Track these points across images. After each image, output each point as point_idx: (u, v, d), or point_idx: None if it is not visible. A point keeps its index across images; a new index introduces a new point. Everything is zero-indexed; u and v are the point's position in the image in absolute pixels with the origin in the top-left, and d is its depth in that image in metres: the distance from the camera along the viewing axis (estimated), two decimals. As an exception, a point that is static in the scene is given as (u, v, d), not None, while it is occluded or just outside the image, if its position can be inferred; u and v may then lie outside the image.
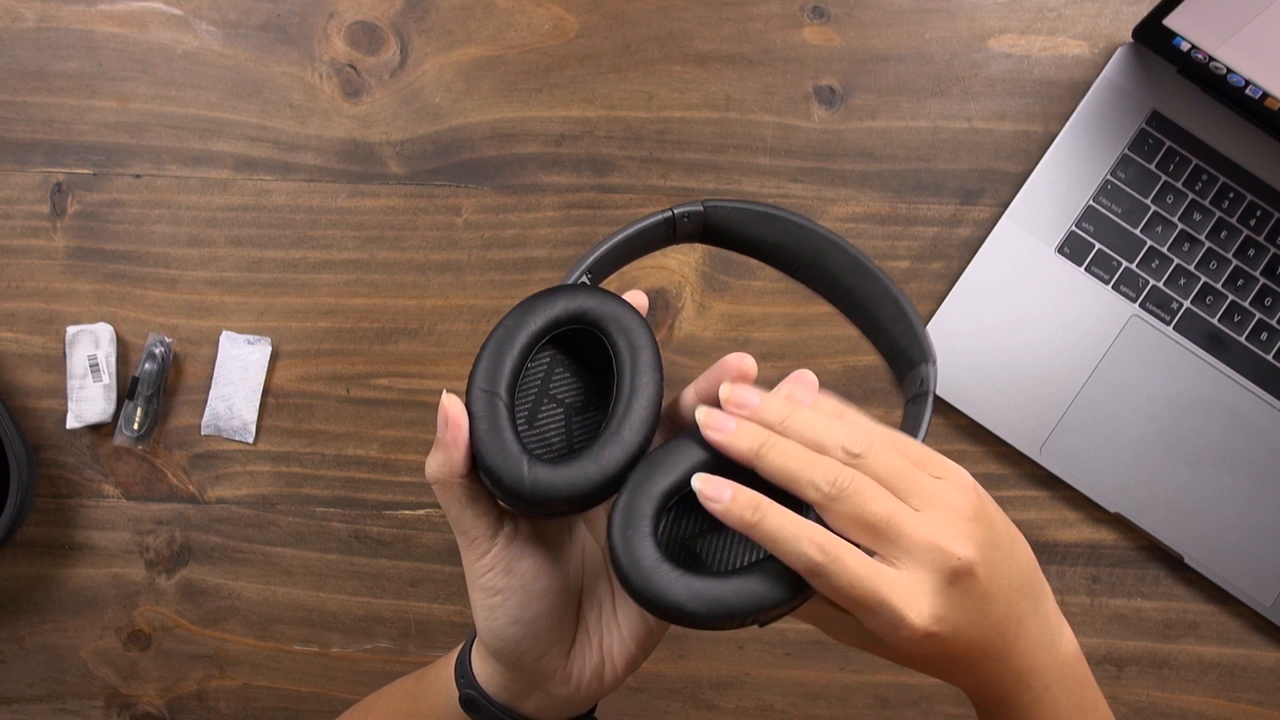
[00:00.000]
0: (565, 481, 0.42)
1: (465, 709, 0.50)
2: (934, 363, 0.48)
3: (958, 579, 0.41)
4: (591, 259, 0.47)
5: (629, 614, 0.48)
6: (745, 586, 0.41)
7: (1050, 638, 0.46)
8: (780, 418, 0.43)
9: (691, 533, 0.45)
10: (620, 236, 0.48)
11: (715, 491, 0.41)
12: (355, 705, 0.60)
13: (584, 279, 0.47)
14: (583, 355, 0.47)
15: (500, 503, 0.45)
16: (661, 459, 0.43)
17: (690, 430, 0.44)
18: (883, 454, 0.42)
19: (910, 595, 0.40)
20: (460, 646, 0.52)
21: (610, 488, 0.43)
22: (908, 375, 0.49)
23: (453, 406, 0.43)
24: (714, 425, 0.42)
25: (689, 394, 0.47)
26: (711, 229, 0.50)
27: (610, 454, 0.43)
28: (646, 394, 0.44)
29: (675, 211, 0.49)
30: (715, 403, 0.44)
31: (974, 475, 0.78)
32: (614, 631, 0.48)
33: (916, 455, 0.43)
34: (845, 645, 0.53)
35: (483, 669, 0.49)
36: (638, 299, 0.47)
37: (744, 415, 0.43)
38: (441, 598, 0.76)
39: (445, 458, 0.43)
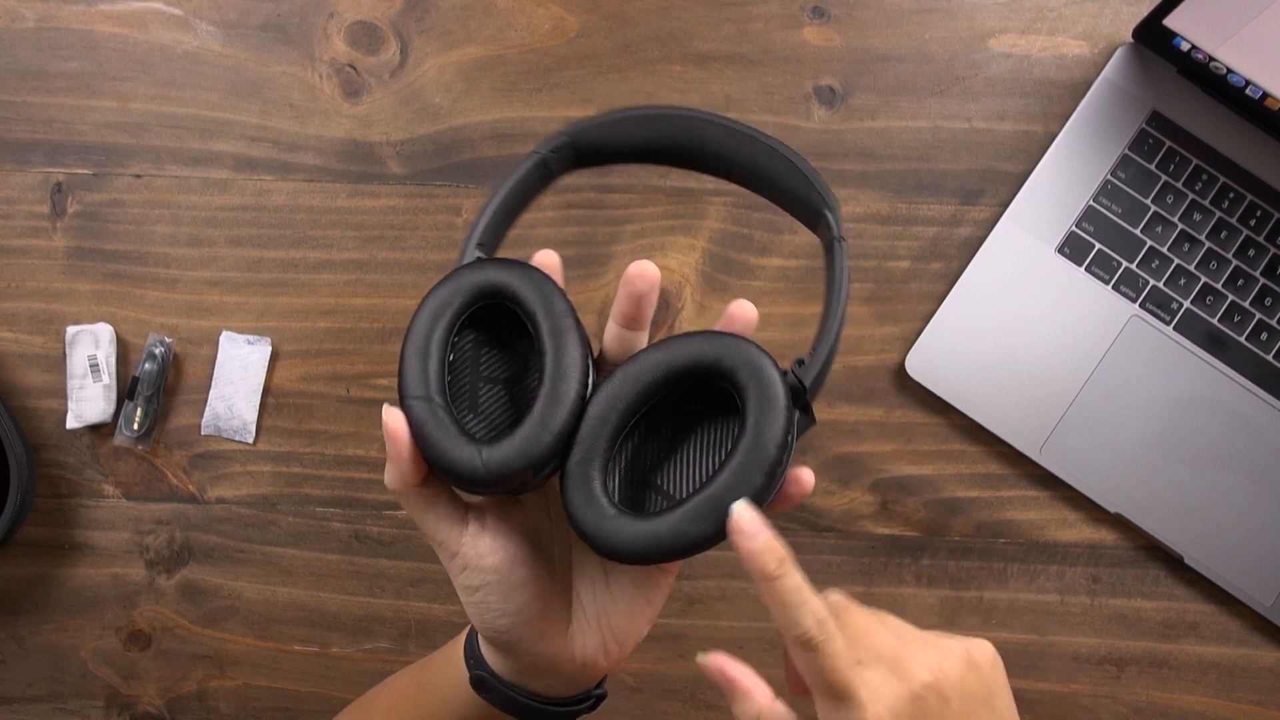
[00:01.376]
0: (516, 453, 0.43)
1: (476, 689, 0.50)
2: (832, 208, 0.47)
3: (924, 697, 0.41)
4: (478, 231, 0.47)
5: (623, 588, 0.48)
6: (696, 510, 0.42)
7: None
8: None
9: (646, 466, 0.45)
10: (499, 198, 0.48)
11: (752, 528, 0.41)
12: (362, 696, 0.60)
13: (476, 254, 0.47)
14: (502, 326, 0.47)
15: (465, 500, 0.46)
16: (595, 417, 0.44)
17: (619, 369, 0.44)
18: (876, 615, 0.44)
19: (878, 693, 0.41)
20: (468, 629, 0.52)
21: (561, 446, 0.44)
22: (818, 226, 0.48)
23: (392, 420, 0.44)
24: (748, 531, 0.42)
25: (610, 327, 0.47)
26: (585, 153, 0.49)
27: (553, 413, 0.43)
28: (570, 344, 0.44)
29: (544, 152, 0.48)
30: (638, 319, 0.46)
31: (974, 475, 0.78)
32: (610, 607, 0.48)
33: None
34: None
35: (489, 652, 0.50)
36: (548, 258, 0.47)
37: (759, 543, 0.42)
38: (441, 598, 0.76)
39: (395, 470, 0.44)
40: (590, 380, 0.45)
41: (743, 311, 0.46)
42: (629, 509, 0.44)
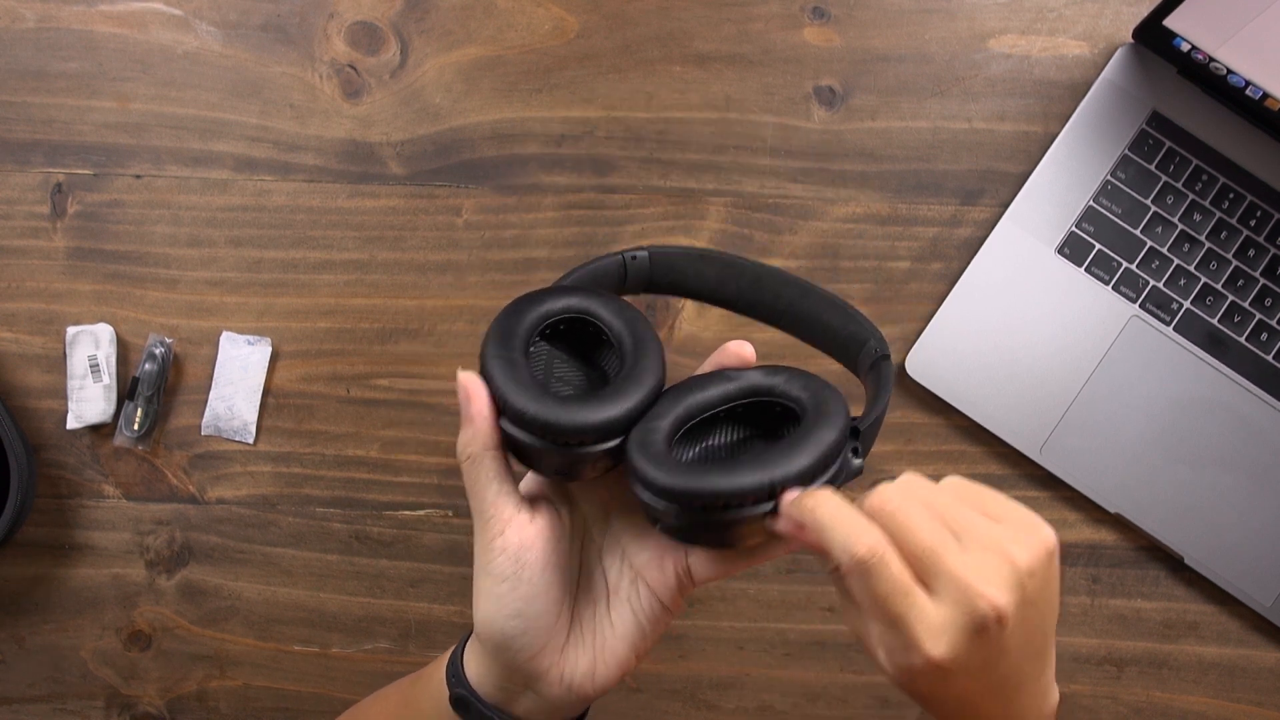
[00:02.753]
0: (596, 416, 0.44)
1: (455, 708, 0.50)
2: (880, 338, 0.49)
3: (984, 629, 0.40)
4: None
5: (623, 615, 0.49)
6: (746, 469, 0.42)
7: (1040, 704, 0.45)
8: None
9: (703, 457, 0.47)
10: (584, 272, 0.51)
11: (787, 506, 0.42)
12: (352, 707, 0.60)
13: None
14: (578, 350, 0.49)
15: (529, 470, 0.48)
16: (676, 394, 0.46)
17: (700, 374, 0.47)
18: (933, 491, 0.42)
19: (933, 627, 0.40)
20: (453, 648, 0.52)
21: (633, 419, 0.45)
22: (860, 355, 0.50)
23: (470, 381, 0.45)
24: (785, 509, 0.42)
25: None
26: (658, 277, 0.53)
27: (633, 389, 0.45)
28: (653, 350, 0.46)
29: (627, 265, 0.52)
30: None
31: (974, 476, 0.78)
32: (608, 632, 0.48)
33: (974, 498, 0.43)
34: (849, 640, 0.53)
35: (476, 668, 0.50)
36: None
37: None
38: (441, 598, 0.76)
39: (472, 431, 0.45)
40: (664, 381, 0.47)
41: (740, 351, 0.48)
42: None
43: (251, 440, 0.76)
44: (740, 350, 0.47)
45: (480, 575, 0.47)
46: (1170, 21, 0.73)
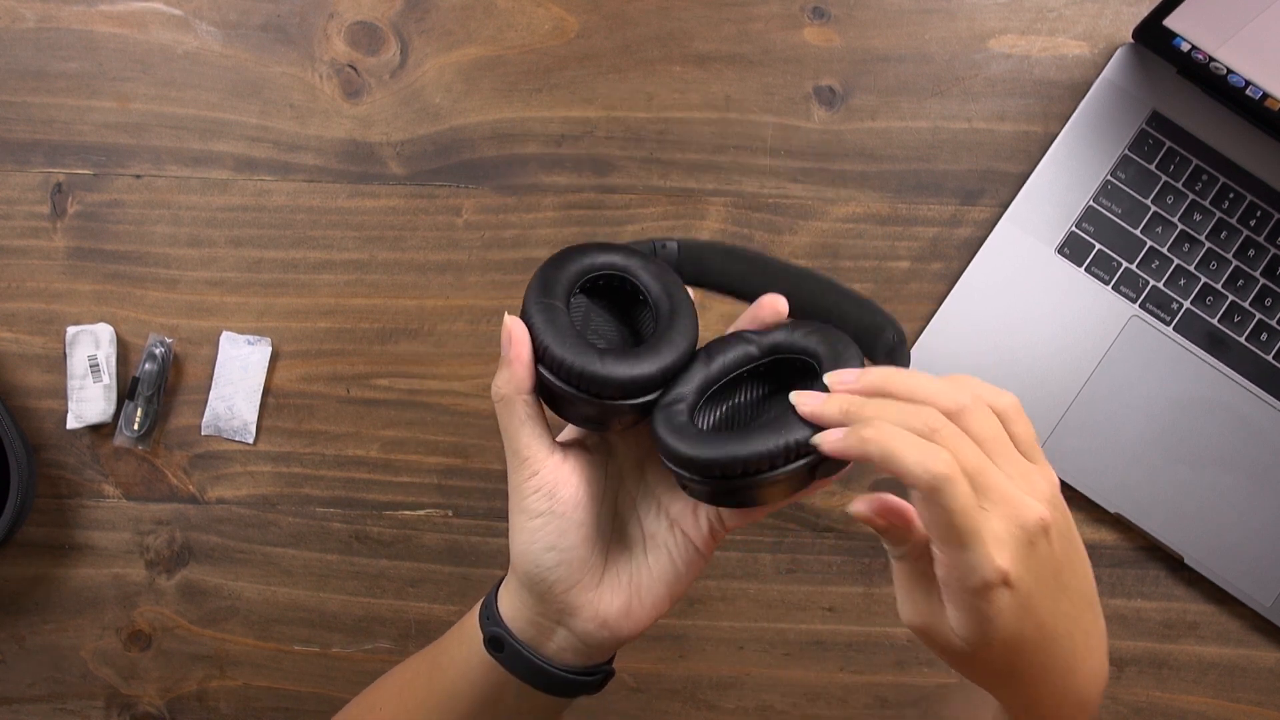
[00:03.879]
0: (636, 371, 0.46)
1: (489, 648, 0.51)
2: (897, 327, 0.51)
3: (1036, 541, 0.41)
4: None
5: (659, 559, 0.50)
6: (772, 433, 0.44)
7: (1102, 671, 0.46)
8: (880, 382, 0.44)
9: (729, 416, 0.48)
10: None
11: (818, 402, 0.44)
12: (375, 682, 0.60)
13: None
14: (616, 306, 0.50)
15: (562, 417, 0.49)
16: (704, 355, 0.48)
17: (732, 333, 0.49)
18: (980, 416, 0.43)
19: (999, 539, 0.41)
20: (483, 598, 0.53)
21: (668, 377, 0.47)
22: (877, 343, 0.52)
23: (515, 325, 0.47)
24: (803, 400, 0.44)
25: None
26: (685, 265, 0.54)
27: (666, 349, 0.47)
28: (686, 312, 0.48)
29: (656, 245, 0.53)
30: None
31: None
32: (644, 574, 0.50)
33: (1016, 429, 0.44)
34: (849, 640, 0.53)
35: (510, 605, 0.51)
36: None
37: (847, 388, 0.44)
38: (441, 598, 0.76)
39: (510, 374, 0.47)
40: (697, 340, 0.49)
41: (774, 305, 0.50)
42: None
43: (251, 440, 0.76)
44: (775, 304, 0.49)
45: (515, 513, 0.49)
46: (1170, 21, 0.73)
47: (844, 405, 0.43)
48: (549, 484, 0.48)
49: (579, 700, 0.54)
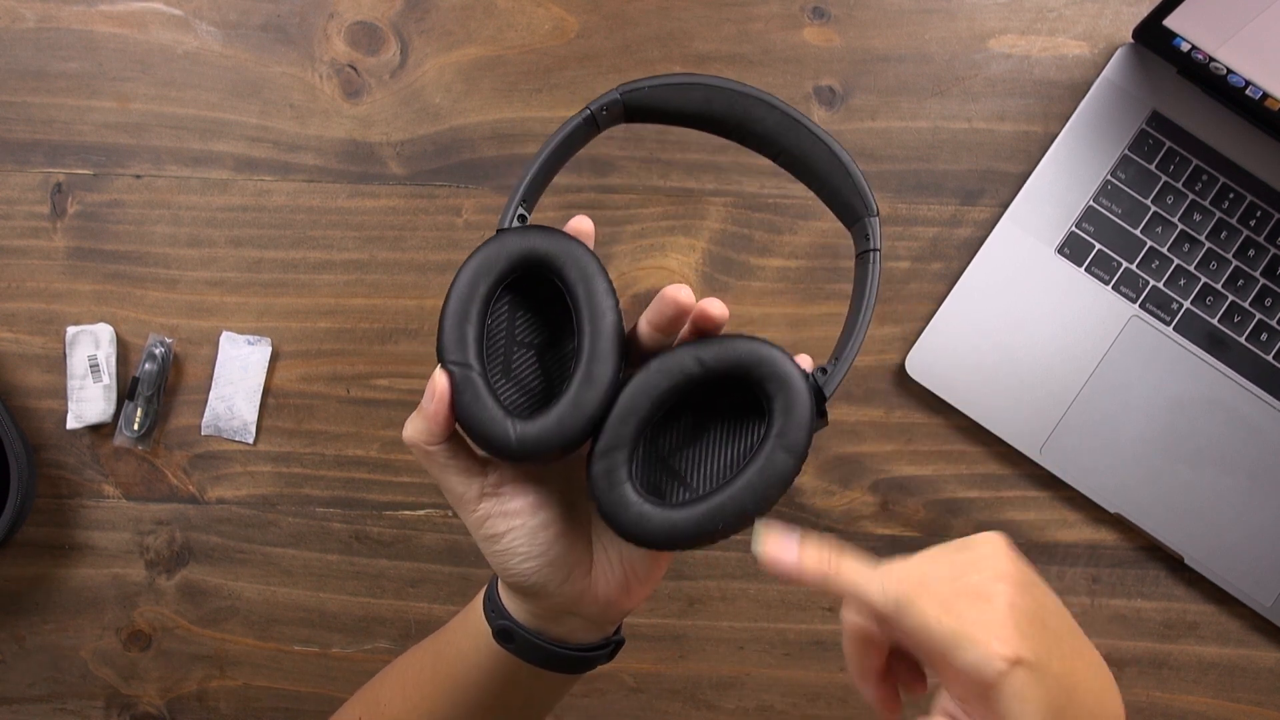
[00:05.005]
0: (550, 433, 0.44)
1: (499, 640, 0.51)
2: (876, 215, 0.48)
3: (1014, 603, 0.41)
4: (523, 186, 0.48)
5: None
6: (719, 507, 0.44)
7: (1117, 707, 0.46)
8: (817, 575, 0.44)
9: (667, 449, 0.47)
10: (545, 154, 0.49)
11: (785, 556, 0.43)
12: (373, 679, 0.60)
13: (520, 211, 0.48)
14: (539, 291, 0.48)
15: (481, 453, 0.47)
16: (625, 405, 0.45)
17: (655, 360, 0.46)
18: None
19: (991, 624, 0.40)
20: (484, 588, 0.53)
21: (592, 428, 0.45)
22: (854, 229, 0.50)
23: (442, 381, 0.45)
24: (777, 549, 0.44)
25: (643, 326, 0.48)
26: (634, 111, 0.50)
27: (584, 396, 0.45)
28: (607, 326, 0.46)
29: (592, 108, 0.49)
30: (666, 329, 0.46)
31: (974, 476, 0.79)
32: (632, 548, 0.49)
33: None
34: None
35: (512, 601, 0.51)
36: (582, 224, 0.48)
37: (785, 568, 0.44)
38: (441, 598, 0.76)
39: (426, 427, 0.46)
40: (622, 364, 0.46)
41: (677, 297, 0.46)
42: (650, 492, 0.45)
43: (251, 440, 0.76)
44: (677, 296, 0.46)
45: (479, 541, 0.48)
46: (1170, 21, 0.73)
47: (825, 556, 0.43)
48: (495, 509, 0.47)
49: (579, 700, 0.54)
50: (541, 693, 0.53)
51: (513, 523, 0.47)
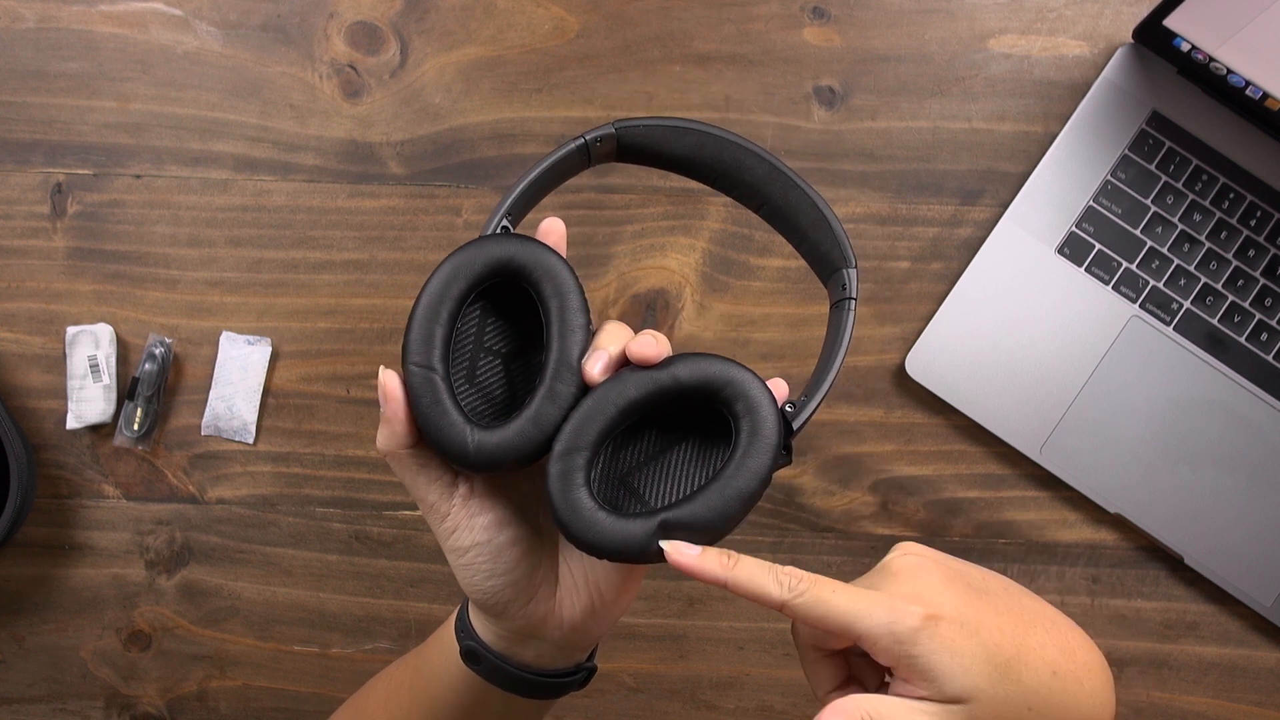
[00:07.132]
0: (508, 445, 0.44)
1: (466, 661, 0.50)
2: (854, 267, 0.49)
3: (923, 567, 0.42)
4: (508, 202, 0.48)
5: None
6: (676, 520, 0.44)
7: (1106, 694, 0.45)
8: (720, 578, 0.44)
9: (626, 467, 0.46)
10: (536, 173, 0.48)
11: (683, 557, 0.43)
12: (359, 690, 0.60)
13: (504, 221, 0.48)
14: (512, 299, 0.48)
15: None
16: (590, 410, 0.45)
17: (627, 369, 0.45)
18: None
19: (899, 590, 0.41)
20: (459, 605, 0.52)
21: (550, 443, 0.45)
22: (830, 280, 0.50)
23: (389, 382, 0.45)
24: (680, 553, 0.44)
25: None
26: (626, 149, 0.50)
27: (546, 411, 0.44)
28: (575, 343, 0.45)
29: (587, 138, 0.49)
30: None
31: (974, 476, 0.79)
32: (598, 571, 0.49)
33: None
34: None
35: (480, 622, 0.50)
36: (554, 225, 0.48)
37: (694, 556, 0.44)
38: (441, 598, 0.76)
39: (389, 431, 0.45)
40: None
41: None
42: (607, 505, 0.45)
43: (251, 440, 0.76)
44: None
45: (446, 554, 0.48)
46: (1170, 21, 0.73)
47: (721, 560, 0.44)
48: (463, 521, 0.47)
49: (579, 700, 0.54)
50: (515, 716, 0.53)
51: (479, 537, 0.47)
